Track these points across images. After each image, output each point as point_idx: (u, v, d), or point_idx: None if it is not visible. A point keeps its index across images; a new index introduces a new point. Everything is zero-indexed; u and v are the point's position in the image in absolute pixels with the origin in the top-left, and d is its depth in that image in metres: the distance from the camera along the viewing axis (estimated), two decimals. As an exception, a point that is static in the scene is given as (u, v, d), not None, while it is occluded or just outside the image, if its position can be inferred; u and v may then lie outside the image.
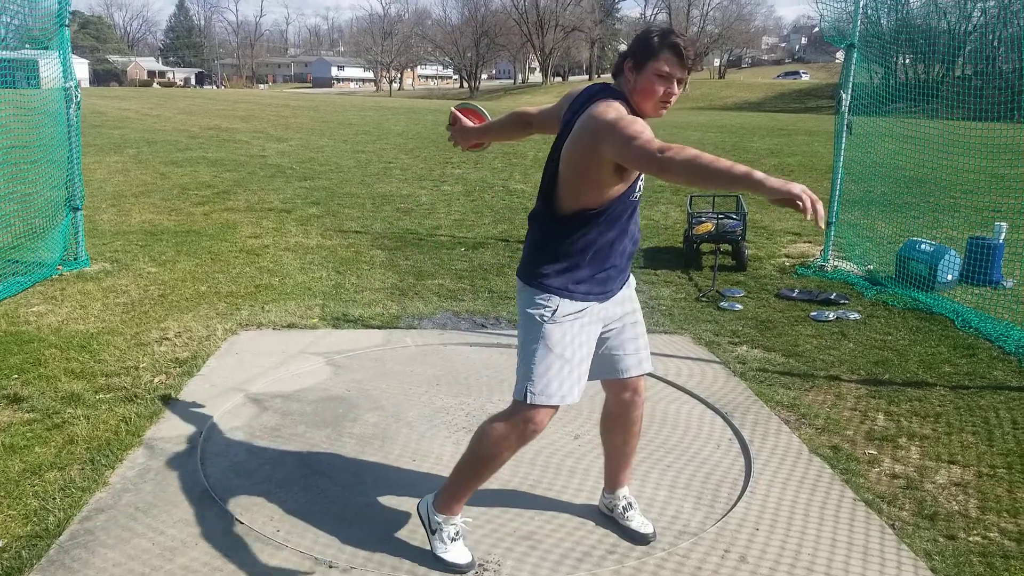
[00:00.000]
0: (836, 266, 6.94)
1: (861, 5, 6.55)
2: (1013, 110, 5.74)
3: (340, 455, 3.35)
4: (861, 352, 4.88)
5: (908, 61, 7.83)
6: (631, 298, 2.67)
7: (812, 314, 5.61)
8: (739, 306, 5.77)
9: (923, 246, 6.35)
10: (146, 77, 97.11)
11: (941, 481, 3.27)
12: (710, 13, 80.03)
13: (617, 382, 2.70)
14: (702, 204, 8.45)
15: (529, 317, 2.48)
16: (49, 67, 6.09)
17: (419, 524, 2.80)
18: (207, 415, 3.69)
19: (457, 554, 2.58)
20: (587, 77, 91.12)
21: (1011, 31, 7.30)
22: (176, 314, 5.24)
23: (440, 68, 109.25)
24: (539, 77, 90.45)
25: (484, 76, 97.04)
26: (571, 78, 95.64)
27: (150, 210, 9.09)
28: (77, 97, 6.12)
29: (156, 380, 4.10)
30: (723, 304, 5.81)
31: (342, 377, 4.25)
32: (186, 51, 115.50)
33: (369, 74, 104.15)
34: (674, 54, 2.29)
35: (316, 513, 2.89)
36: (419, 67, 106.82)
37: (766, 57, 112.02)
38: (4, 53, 5.81)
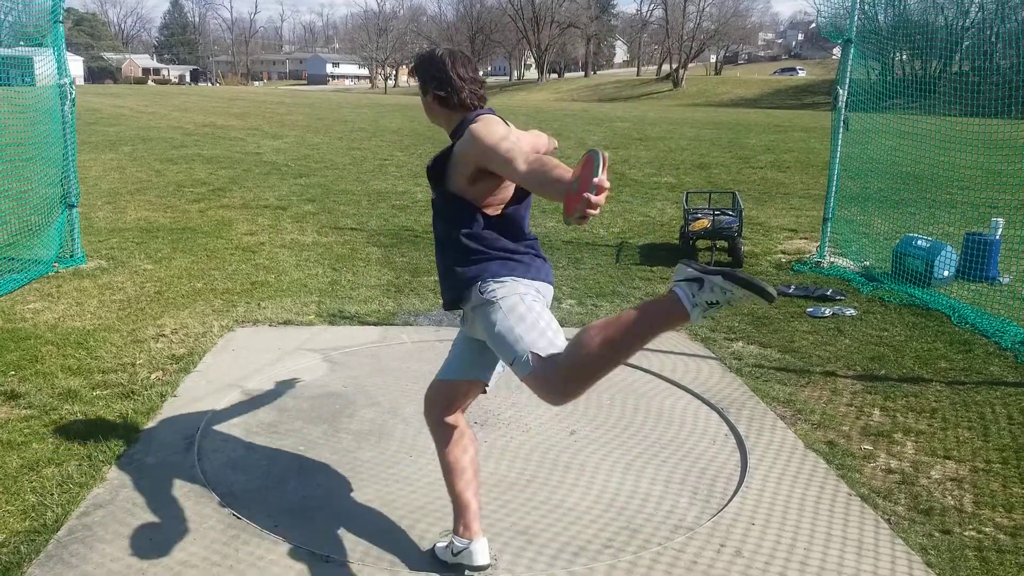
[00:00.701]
0: (832, 262, 6.95)
1: (858, 1, 6.55)
2: (1010, 106, 5.75)
3: (337, 451, 3.36)
4: (857, 348, 4.89)
5: (905, 57, 7.83)
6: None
7: (808, 310, 5.62)
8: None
9: (919, 242, 6.36)
10: (141, 74, 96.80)
11: (936, 476, 3.28)
12: (706, 9, 79.77)
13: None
14: (698, 200, 8.46)
15: None
16: (44, 64, 6.07)
17: (417, 519, 2.81)
18: (204, 411, 3.69)
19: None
20: (583, 73, 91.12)
21: (1008, 27, 7.31)
22: (172, 311, 5.24)
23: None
24: (535, 74, 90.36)
25: (480, 73, 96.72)
26: (567, 74, 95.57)
27: (146, 207, 9.07)
28: (72, 94, 6.11)
29: (153, 376, 4.10)
30: (719, 300, 5.81)
31: (338, 373, 4.25)
32: (181, 48, 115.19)
33: (364, 71, 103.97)
34: None
35: (313, 508, 2.89)
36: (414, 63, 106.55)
37: (762, 53, 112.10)
38: (-1, 50, 5.80)
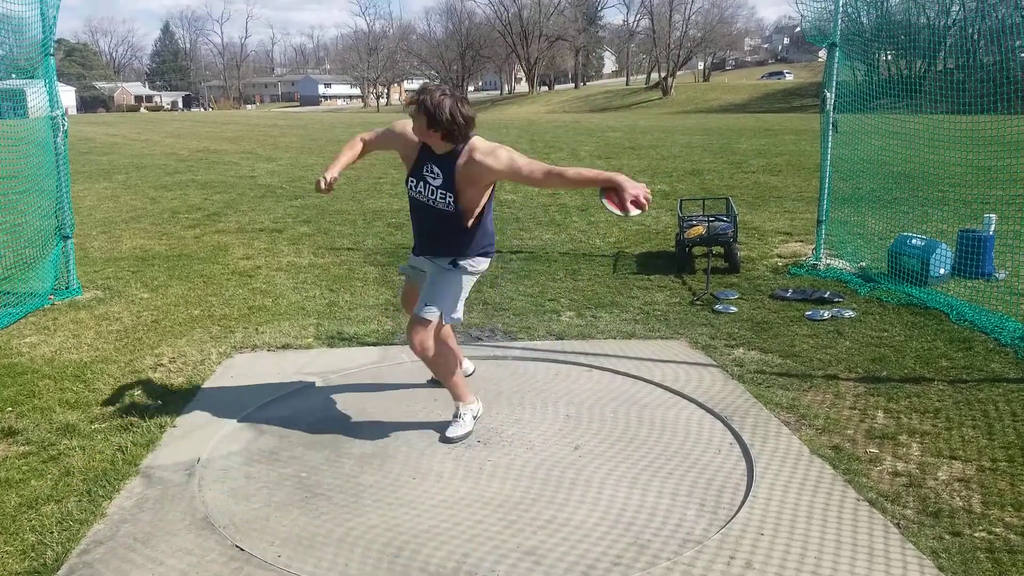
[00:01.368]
0: (829, 264, 6.95)
1: (841, 4, 6.57)
2: (996, 102, 5.77)
3: (339, 476, 3.33)
4: (858, 350, 4.88)
5: (890, 57, 7.87)
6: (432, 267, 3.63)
7: (807, 313, 5.61)
8: (734, 308, 5.77)
9: (914, 241, 6.36)
10: (133, 102, 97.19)
11: (943, 477, 3.26)
12: (692, 17, 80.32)
13: None
14: (692, 207, 8.46)
15: None
16: (36, 96, 6.08)
17: (422, 544, 2.79)
18: (204, 440, 3.66)
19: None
20: (573, 85, 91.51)
21: (989, 24, 7.34)
22: (170, 339, 5.21)
23: (427, 82, 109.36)
24: (525, 87, 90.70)
25: (471, 88, 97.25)
26: (557, 86, 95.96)
27: (141, 235, 9.06)
28: (64, 125, 6.11)
29: (151, 407, 4.08)
30: (718, 307, 5.81)
31: (339, 396, 4.22)
32: (172, 75, 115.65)
33: (356, 90, 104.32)
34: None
35: (317, 536, 2.87)
36: (405, 82, 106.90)
37: (749, 58, 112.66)
38: (-9, 85, 5.81)
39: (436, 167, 3.40)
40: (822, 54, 9.55)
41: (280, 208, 11.10)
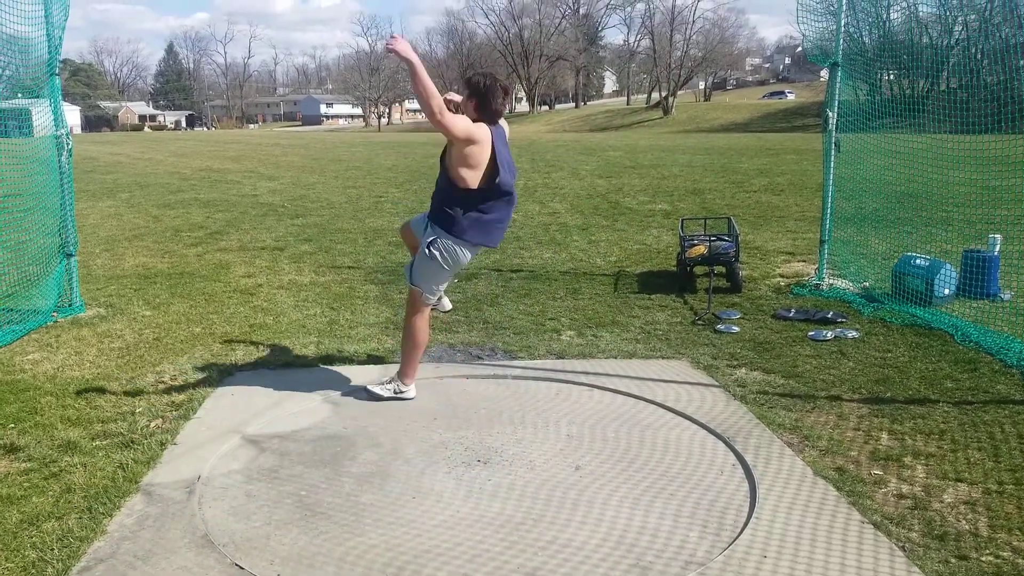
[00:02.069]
0: (832, 284, 6.94)
1: (843, 24, 6.61)
2: (1000, 122, 5.78)
3: (339, 495, 3.31)
4: (861, 370, 4.86)
5: (892, 77, 7.90)
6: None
7: (810, 334, 5.59)
8: (736, 328, 5.76)
9: (918, 261, 6.35)
10: (137, 121, 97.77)
11: (949, 500, 3.23)
12: (693, 37, 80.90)
13: None
14: (694, 227, 8.48)
15: None
16: (41, 115, 6.10)
17: (423, 564, 2.76)
18: (204, 458, 3.64)
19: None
20: (574, 104, 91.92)
21: (993, 43, 7.37)
22: (171, 357, 5.21)
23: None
24: (526, 106, 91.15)
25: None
26: (558, 106, 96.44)
27: (143, 253, 9.08)
28: (69, 144, 6.13)
29: (152, 424, 4.06)
30: (720, 327, 5.79)
31: (339, 415, 4.21)
32: (176, 94, 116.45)
33: (358, 110, 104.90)
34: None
35: (317, 555, 2.84)
36: (407, 101, 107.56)
37: (751, 78, 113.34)
38: (-3, 104, 5.84)
39: None
40: (824, 74, 9.57)
41: (282, 226, 11.12)
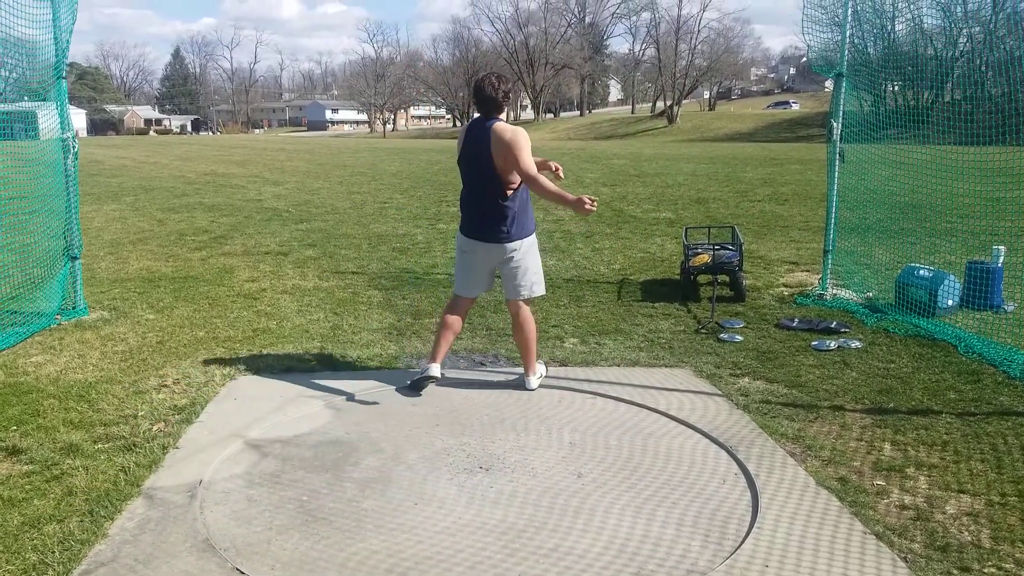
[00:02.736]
0: (835, 294, 6.93)
1: (848, 35, 6.62)
2: (1004, 133, 5.78)
3: (341, 500, 3.31)
4: (864, 381, 4.85)
5: (897, 88, 7.90)
6: (507, 255, 4.46)
7: (813, 343, 5.59)
8: (739, 337, 5.75)
9: (922, 272, 6.34)
10: (143, 125, 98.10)
11: (952, 511, 3.22)
12: (698, 47, 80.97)
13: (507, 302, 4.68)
14: (697, 236, 8.47)
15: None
16: (47, 118, 6.13)
17: (424, 571, 2.76)
18: (206, 462, 3.65)
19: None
20: (579, 112, 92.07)
21: (997, 55, 7.38)
22: (174, 361, 5.21)
23: (433, 108, 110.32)
24: (531, 114, 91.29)
25: (476, 115, 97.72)
26: (563, 114, 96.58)
27: (148, 257, 9.10)
28: (75, 147, 6.16)
29: (155, 428, 4.07)
30: (723, 336, 5.79)
31: (341, 420, 4.21)
32: (182, 99, 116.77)
33: (363, 116, 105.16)
34: None
35: (318, 561, 2.84)
36: (412, 108, 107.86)
37: (755, 88, 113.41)
38: (3, 106, 5.85)
39: None
40: (828, 84, 9.59)
41: (286, 231, 11.14)
